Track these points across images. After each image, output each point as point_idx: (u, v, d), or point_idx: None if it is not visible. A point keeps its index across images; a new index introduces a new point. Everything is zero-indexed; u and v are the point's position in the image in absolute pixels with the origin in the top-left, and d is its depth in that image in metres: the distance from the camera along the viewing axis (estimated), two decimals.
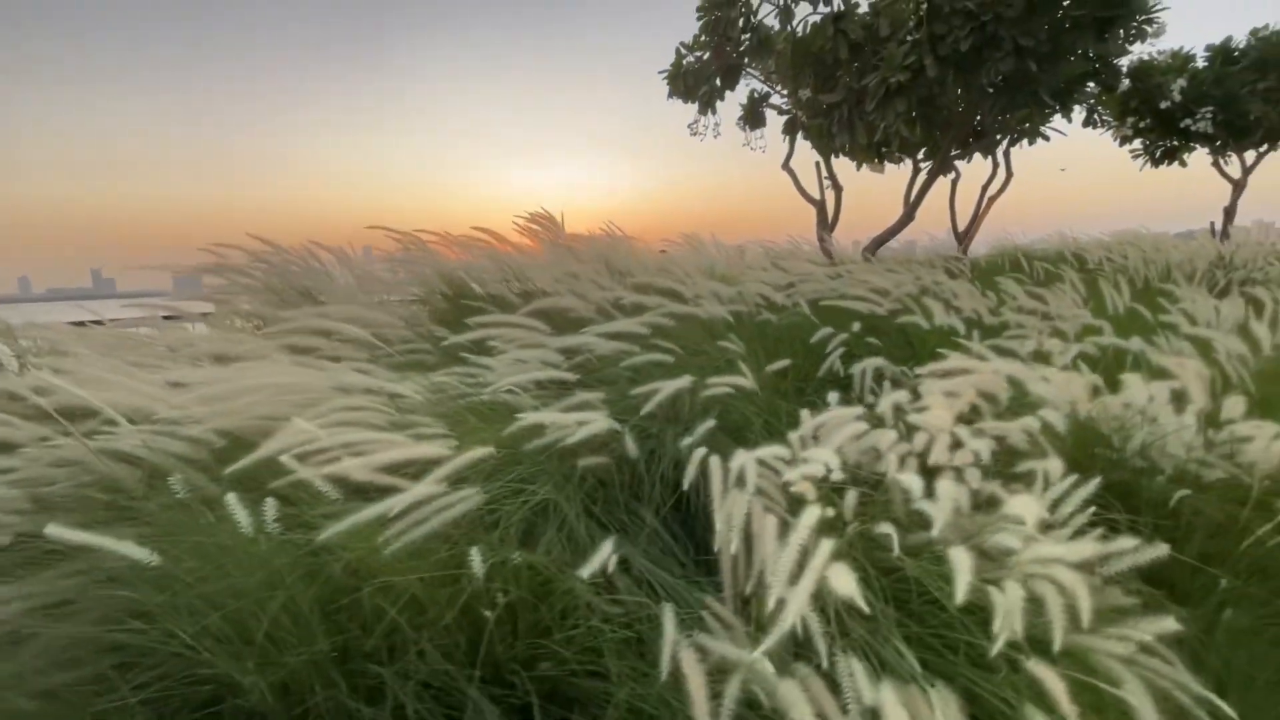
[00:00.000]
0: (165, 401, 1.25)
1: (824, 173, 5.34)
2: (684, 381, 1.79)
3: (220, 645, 1.05)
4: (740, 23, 4.16)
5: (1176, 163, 8.63)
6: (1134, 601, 1.22)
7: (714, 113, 4.73)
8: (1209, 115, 7.09)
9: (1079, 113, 7.27)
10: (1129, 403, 1.66)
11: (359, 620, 1.10)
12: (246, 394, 1.29)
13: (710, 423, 1.75)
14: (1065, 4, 3.85)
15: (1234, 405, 1.66)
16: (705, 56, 4.48)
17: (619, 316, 2.34)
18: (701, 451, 1.46)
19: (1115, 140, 7.84)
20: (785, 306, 2.86)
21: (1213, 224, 8.21)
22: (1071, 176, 8.07)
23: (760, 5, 4.23)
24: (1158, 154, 8.42)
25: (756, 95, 5.47)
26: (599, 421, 1.61)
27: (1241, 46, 7.47)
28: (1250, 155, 8.01)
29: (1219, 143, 7.87)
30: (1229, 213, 8.10)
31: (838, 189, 5.44)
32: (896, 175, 6.39)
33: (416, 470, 1.25)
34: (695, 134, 4.86)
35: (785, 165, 5.96)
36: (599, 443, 1.75)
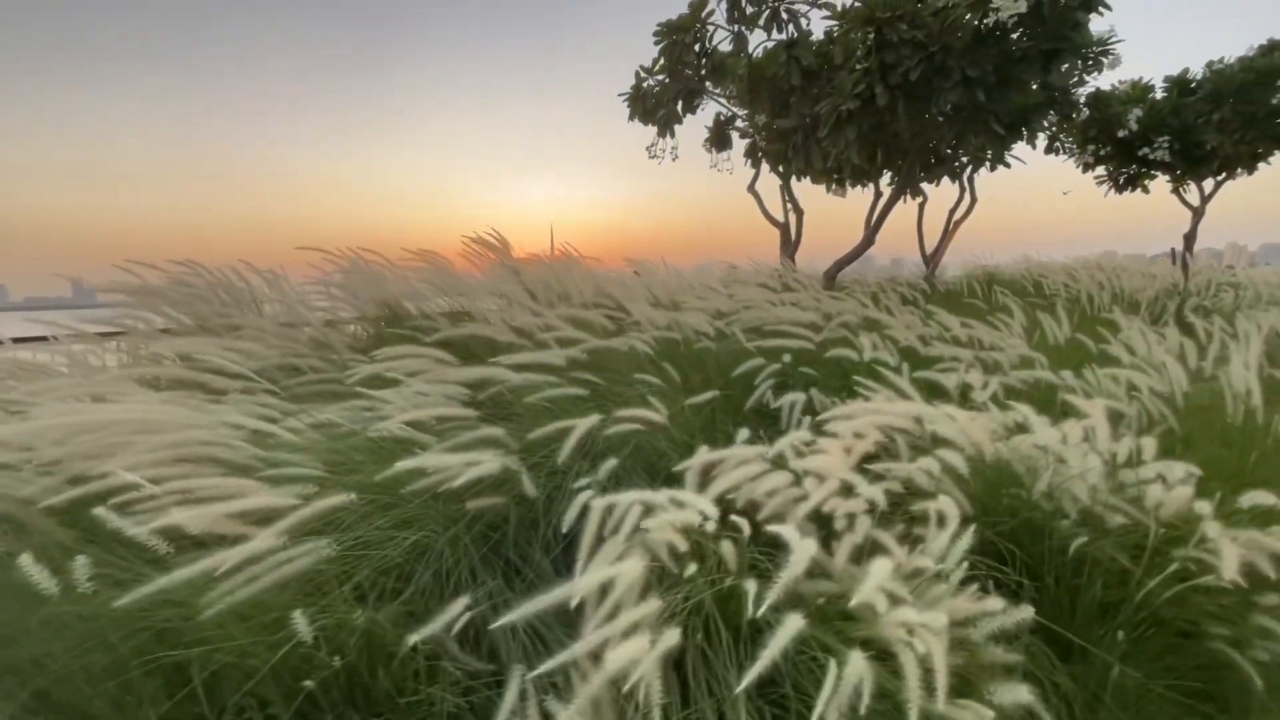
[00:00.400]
0: None
1: (786, 196, 5.35)
2: (591, 420, 1.74)
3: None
4: (696, 48, 4.18)
5: (1140, 189, 8.82)
6: (1016, 660, 1.17)
7: (672, 136, 4.73)
8: (1166, 144, 7.24)
9: (1041, 140, 7.43)
10: (1039, 443, 1.63)
11: (175, 689, 1.02)
12: (85, 432, 1.21)
13: (611, 462, 1.69)
14: (1013, 36, 3.90)
15: (1147, 445, 1.63)
16: (664, 80, 4.49)
17: (553, 345, 2.29)
18: (586, 495, 1.40)
19: (1078, 167, 7.99)
20: (725, 335, 2.82)
21: (1173, 250, 8.36)
22: (1047, 200, 8.21)
23: (715, 31, 4.25)
24: (1121, 181, 8.58)
25: (723, 118, 5.49)
26: (488, 463, 1.54)
27: (1198, 78, 7.69)
28: (1209, 184, 8.19)
29: (1179, 171, 8.06)
30: (1189, 239, 8.25)
31: (798, 212, 5.46)
32: (863, 198, 6.45)
33: (271, 518, 1.17)
34: (653, 156, 4.87)
35: (750, 188, 5.99)
36: (498, 481, 1.69)
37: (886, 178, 6.52)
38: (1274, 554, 1.33)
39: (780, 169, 4.94)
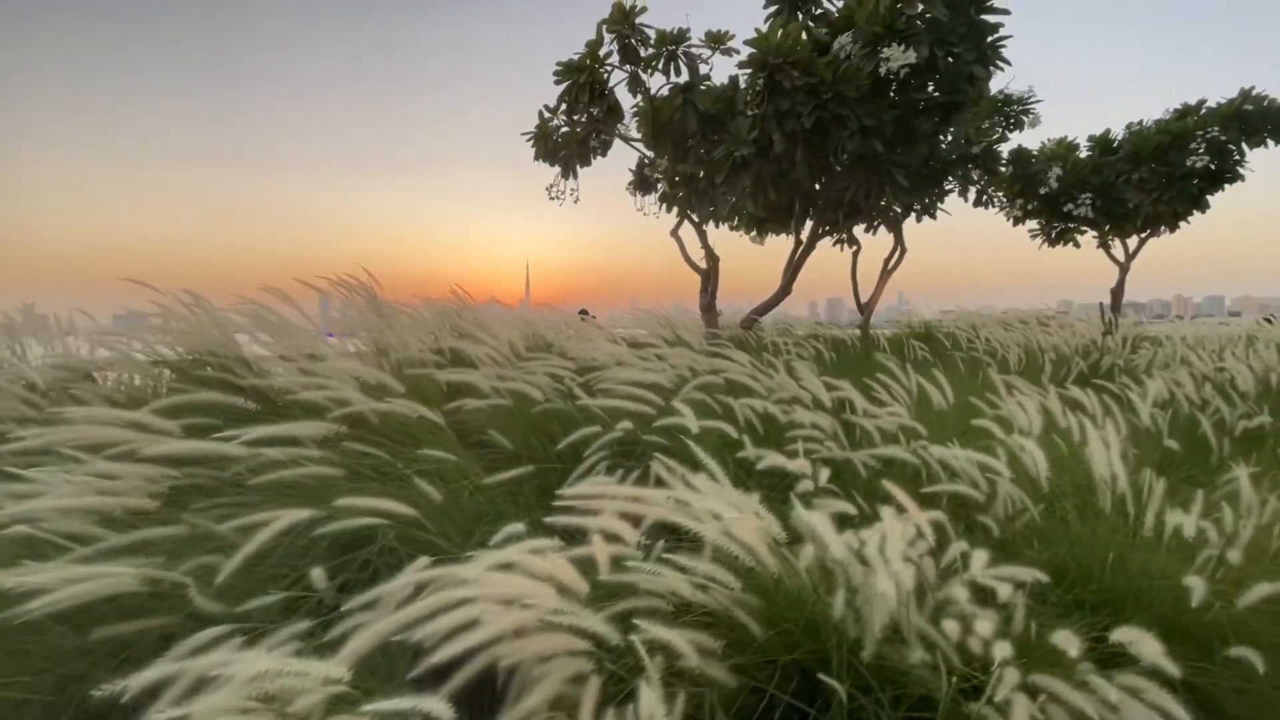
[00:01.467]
0: None
1: (702, 242, 5.17)
2: (301, 514, 1.40)
3: None
4: (590, 90, 4.01)
5: (1070, 244, 8.96)
6: None
7: (575, 177, 4.53)
8: (1089, 201, 7.35)
9: (972, 193, 7.49)
10: (835, 553, 1.33)
11: None
12: None
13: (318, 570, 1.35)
14: (912, 85, 3.81)
15: (979, 554, 1.35)
16: (567, 121, 4.32)
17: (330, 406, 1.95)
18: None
19: (1008, 220, 8.07)
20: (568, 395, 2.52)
21: (1102, 304, 8.44)
22: (997, 251, 8.27)
23: (613, 73, 4.10)
24: (1053, 235, 8.71)
25: (645, 161, 5.34)
26: (113, 578, 1.19)
27: (1119, 139, 7.91)
28: (1135, 241, 8.35)
29: (1107, 227, 8.21)
30: (1115, 294, 8.34)
31: (713, 259, 5.27)
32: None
33: None
34: (553, 198, 4.66)
35: (674, 232, 5.81)
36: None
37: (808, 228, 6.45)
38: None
39: (685, 214, 4.77)
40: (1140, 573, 1.64)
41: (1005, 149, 6.86)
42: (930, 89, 3.87)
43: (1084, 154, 8.05)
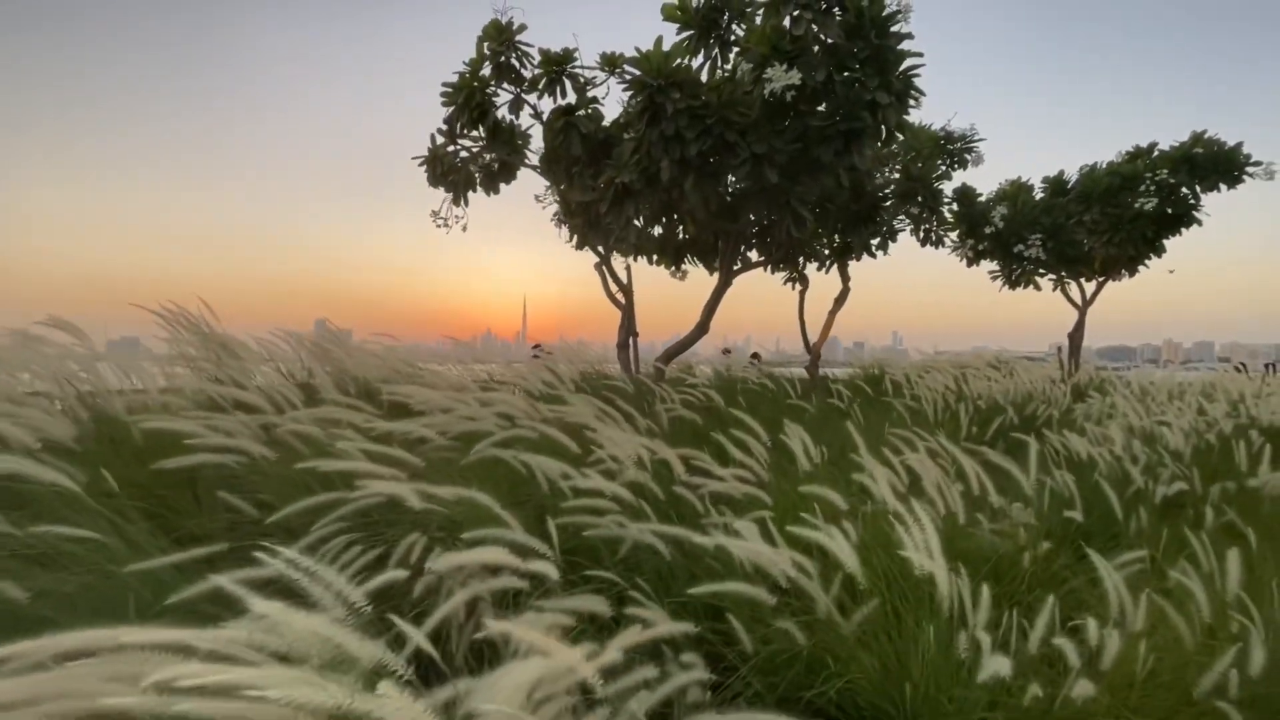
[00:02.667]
0: None
1: (611, 276, 4.84)
2: None
3: None
4: (470, 112, 3.73)
5: (1031, 286, 8.71)
6: None
7: (465, 204, 4.22)
8: (1038, 242, 7.11)
9: (910, 231, 7.24)
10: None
11: None
12: None
13: None
14: (805, 110, 3.53)
15: None
16: (451, 144, 4.02)
17: None
18: None
19: (960, 261, 7.82)
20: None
21: (1059, 348, 8.14)
22: (970, 293, 7.96)
23: (499, 94, 3.83)
24: (1013, 277, 8.45)
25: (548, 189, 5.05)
26: None
27: (1072, 180, 7.73)
28: (1093, 284, 8.09)
29: (1064, 271, 7.96)
30: (1073, 338, 8.03)
31: (625, 293, 4.94)
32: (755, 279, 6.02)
33: None
34: (438, 224, 4.33)
35: (598, 266, 5.49)
36: None
37: (740, 263, 6.15)
38: None
39: (585, 244, 4.44)
40: None
41: (949, 187, 6.65)
42: (832, 116, 3.59)
43: (1038, 195, 7.87)
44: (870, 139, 3.59)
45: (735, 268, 4.58)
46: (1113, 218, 6.89)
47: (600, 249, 4.59)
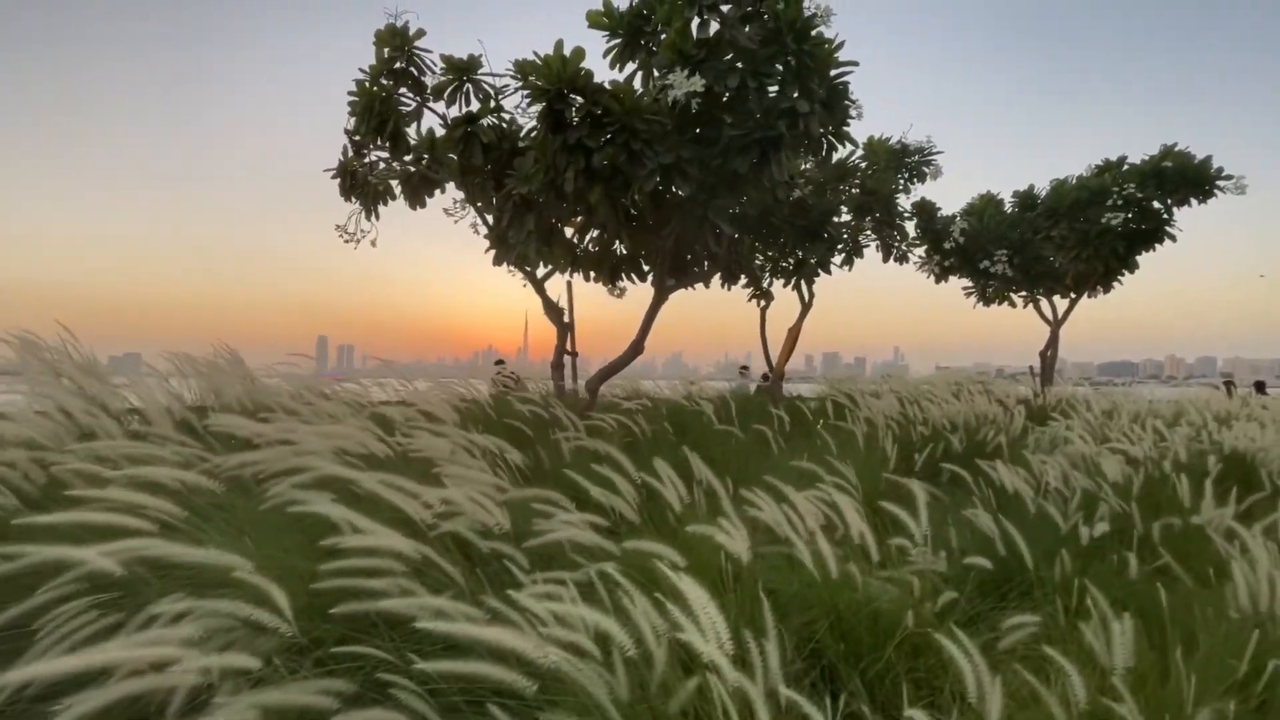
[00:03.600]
0: None
1: (535, 290, 4.60)
2: None
3: None
4: (368, 120, 3.52)
5: (1005, 303, 8.46)
6: None
7: (376, 218, 4.00)
8: (1005, 258, 6.88)
9: (877, 247, 7.00)
10: None
11: None
12: None
13: None
14: (718, 119, 3.31)
15: None
16: (357, 154, 3.81)
17: None
18: None
19: (928, 277, 7.58)
20: None
21: (1031, 367, 7.87)
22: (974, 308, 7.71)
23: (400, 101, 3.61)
24: (988, 294, 8.21)
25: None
26: None
27: (1043, 195, 7.51)
28: (1065, 302, 7.84)
29: (1032, 287, 7.69)
30: (1044, 357, 7.76)
31: (554, 312, 4.70)
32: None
33: None
34: (344, 239, 4.10)
35: (539, 284, 5.27)
36: None
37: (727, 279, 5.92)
38: None
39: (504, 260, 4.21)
40: None
41: (908, 201, 6.42)
42: (747, 125, 3.38)
43: (1009, 209, 7.66)
44: (791, 149, 3.37)
45: (670, 284, 4.35)
46: (1080, 233, 6.65)
47: (527, 264, 4.36)
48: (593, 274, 4.93)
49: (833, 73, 3.80)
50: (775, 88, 3.40)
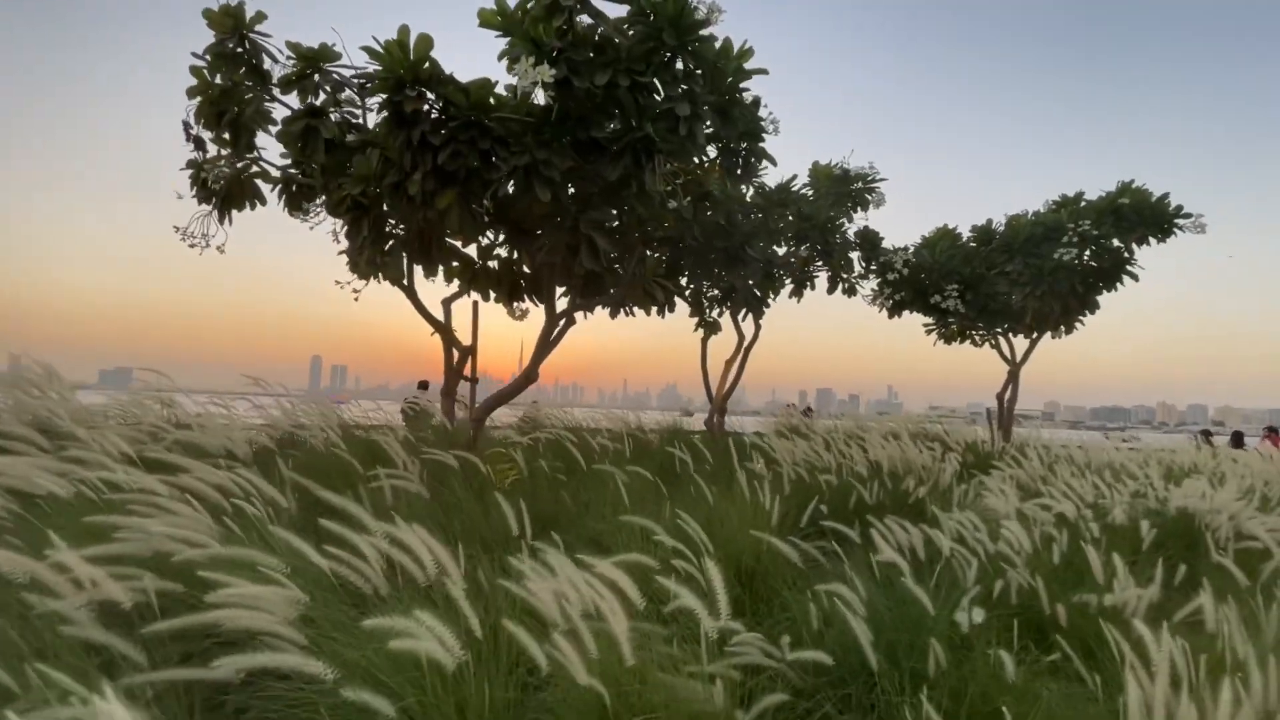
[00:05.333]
0: None
1: (418, 310, 4.17)
2: None
3: None
4: (209, 112, 3.14)
5: (968, 342, 8.09)
6: None
7: (230, 223, 3.59)
8: (955, 293, 6.52)
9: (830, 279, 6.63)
10: None
11: None
12: None
13: None
14: (583, 119, 2.95)
15: None
16: (196, 151, 3.42)
17: None
18: None
19: (880, 311, 7.19)
20: None
21: (989, 410, 7.44)
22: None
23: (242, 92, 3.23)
24: (946, 330, 7.83)
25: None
26: None
27: (1000, 229, 7.20)
28: (1025, 342, 7.45)
29: (986, 325, 7.30)
30: (1001, 400, 7.34)
31: (445, 333, 4.28)
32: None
33: None
34: (193, 245, 3.67)
35: (445, 301, 4.86)
36: None
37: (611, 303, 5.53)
38: None
39: (365, 273, 3.79)
40: None
41: (851, 230, 6.07)
42: (619, 128, 3.01)
43: (970, 244, 7.33)
44: (672, 156, 3.00)
45: (565, 307, 3.94)
46: (1034, 269, 6.30)
47: (391, 278, 3.93)
48: (488, 293, 4.52)
49: (743, 84, 3.48)
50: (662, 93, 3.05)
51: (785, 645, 1.76)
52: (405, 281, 3.86)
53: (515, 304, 4.59)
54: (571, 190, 3.15)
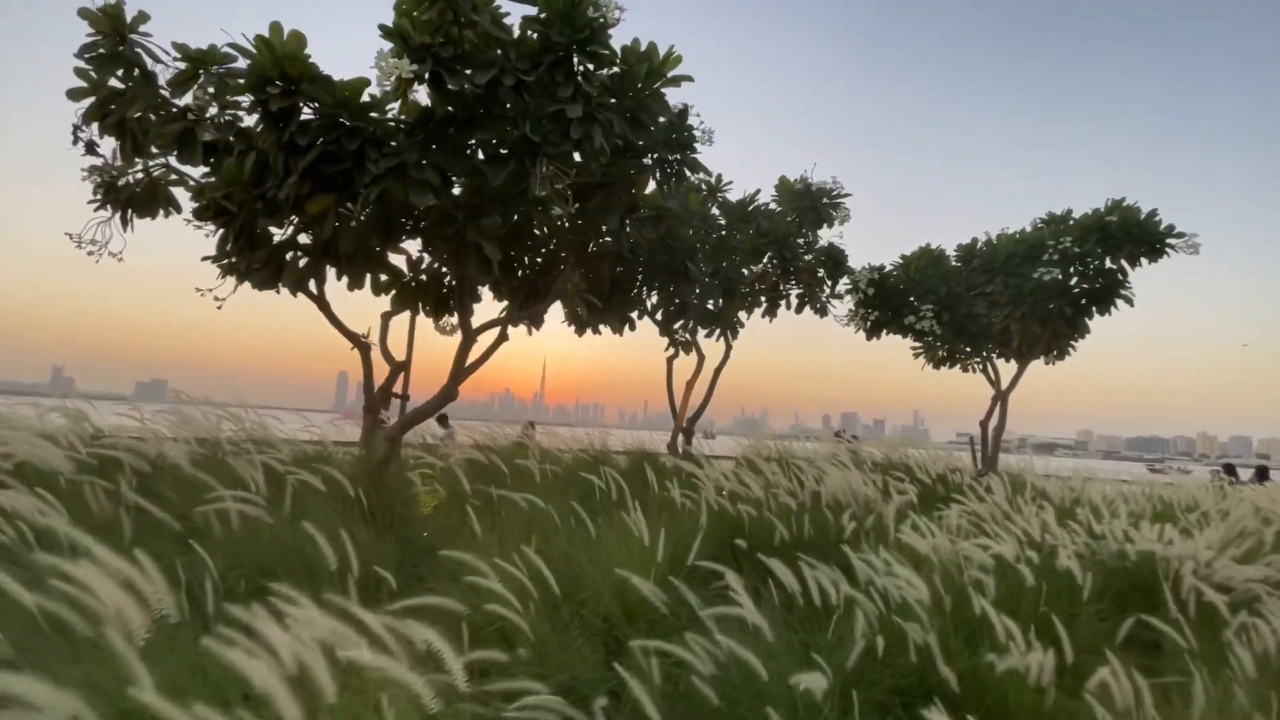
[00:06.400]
0: None
1: (331, 323, 3.99)
2: None
3: None
4: (95, 114, 3.04)
5: (959, 367, 7.70)
6: None
7: (131, 229, 3.48)
8: (930, 313, 6.17)
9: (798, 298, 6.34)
10: None
11: None
12: None
13: None
14: (472, 123, 2.77)
15: None
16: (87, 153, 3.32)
17: None
18: None
19: (856, 332, 6.85)
20: None
21: (971, 439, 7.01)
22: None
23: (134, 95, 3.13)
24: (941, 355, 7.46)
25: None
26: None
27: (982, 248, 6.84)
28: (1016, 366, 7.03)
29: (979, 347, 6.91)
30: (985, 426, 6.90)
31: (361, 347, 4.10)
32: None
33: None
34: (89, 252, 3.55)
35: (385, 315, 4.71)
36: None
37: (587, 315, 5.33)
38: None
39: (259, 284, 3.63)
40: None
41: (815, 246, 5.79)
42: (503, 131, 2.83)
43: (954, 263, 7.00)
44: (558, 160, 2.80)
45: (477, 320, 3.74)
46: (1014, 289, 5.93)
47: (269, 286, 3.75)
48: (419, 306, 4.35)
49: (670, 91, 3.28)
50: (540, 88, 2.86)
51: (599, 709, 1.50)
52: (316, 292, 3.70)
53: (441, 318, 4.41)
54: (465, 197, 2.97)
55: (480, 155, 2.92)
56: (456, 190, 3.19)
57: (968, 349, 6.81)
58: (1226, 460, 10.56)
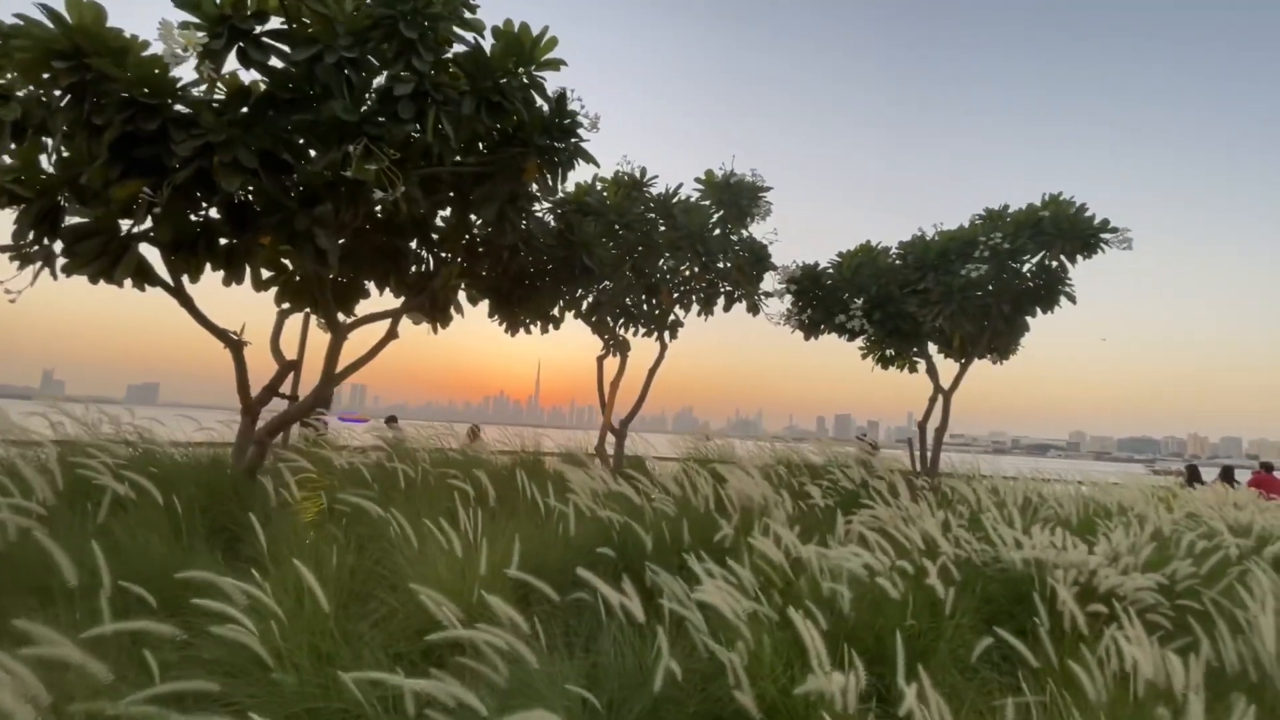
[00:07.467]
0: None
1: (203, 324, 3.78)
2: None
3: None
4: None
5: (906, 368, 7.54)
6: None
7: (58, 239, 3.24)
8: (859, 311, 6.01)
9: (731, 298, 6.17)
10: None
11: None
12: None
13: None
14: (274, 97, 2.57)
15: None
16: None
17: None
18: None
19: (792, 331, 6.68)
20: None
21: (910, 441, 6.85)
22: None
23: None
24: (888, 355, 7.29)
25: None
26: None
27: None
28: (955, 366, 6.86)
29: (912, 346, 6.74)
30: (923, 428, 6.73)
31: (235, 348, 3.89)
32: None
33: None
34: (14, 257, 3.27)
35: (280, 314, 4.50)
36: None
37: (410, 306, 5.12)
38: None
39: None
40: None
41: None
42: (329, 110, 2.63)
43: (895, 261, 6.84)
44: (380, 141, 2.61)
45: (351, 319, 3.53)
46: (944, 286, 5.76)
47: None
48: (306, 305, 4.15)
49: (545, 75, 3.10)
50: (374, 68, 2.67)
51: None
52: (173, 284, 3.49)
53: (319, 316, 4.21)
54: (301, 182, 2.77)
55: (304, 139, 2.72)
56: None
57: (912, 348, 6.65)
58: (1193, 461, 10.44)
